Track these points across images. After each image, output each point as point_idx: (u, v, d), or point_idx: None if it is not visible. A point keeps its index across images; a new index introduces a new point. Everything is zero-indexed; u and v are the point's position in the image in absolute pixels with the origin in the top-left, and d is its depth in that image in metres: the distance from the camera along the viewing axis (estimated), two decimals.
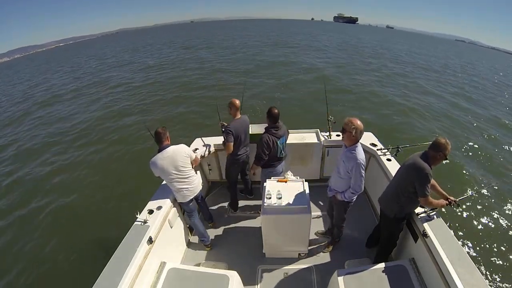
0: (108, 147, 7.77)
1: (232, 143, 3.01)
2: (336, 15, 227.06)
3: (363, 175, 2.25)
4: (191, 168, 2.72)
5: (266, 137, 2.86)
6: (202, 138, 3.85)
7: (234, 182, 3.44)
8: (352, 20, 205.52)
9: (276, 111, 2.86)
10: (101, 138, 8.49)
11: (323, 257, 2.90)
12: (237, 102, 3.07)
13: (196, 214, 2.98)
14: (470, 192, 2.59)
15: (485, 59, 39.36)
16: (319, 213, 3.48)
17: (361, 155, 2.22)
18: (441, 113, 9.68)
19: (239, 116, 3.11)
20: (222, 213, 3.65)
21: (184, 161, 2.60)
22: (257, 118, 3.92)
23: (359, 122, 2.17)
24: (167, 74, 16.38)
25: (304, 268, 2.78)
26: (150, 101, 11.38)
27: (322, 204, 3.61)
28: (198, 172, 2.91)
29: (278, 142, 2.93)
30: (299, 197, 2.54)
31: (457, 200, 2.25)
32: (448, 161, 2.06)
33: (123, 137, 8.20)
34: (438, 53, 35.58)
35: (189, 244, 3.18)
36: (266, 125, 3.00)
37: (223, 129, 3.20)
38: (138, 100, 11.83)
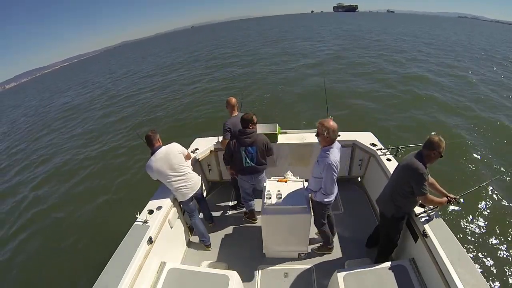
0: (111, 148, 7.81)
1: (228, 140, 3.03)
2: (336, 5, 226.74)
3: (334, 177, 2.22)
4: (186, 165, 2.72)
5: (230, 141, 2.81)
6: (202, 138, 3.86)
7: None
8: (352, 8, 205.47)
9: (245, 116, 2.71)
10: (104, 141, 8.58)
11: (323, 257, 2.89)
12: (233, 100, 3.12)
13: (197, 214, 2.98)
14: (471, 188, 2.54)
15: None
16: None
17: (333, 157, 2.18)
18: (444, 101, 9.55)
19: (236, 113, 3.16)
20: (222, 213, 3.65)
21: (178, 159, 2.61)
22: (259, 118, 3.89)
23: (331, 123, 2.15)
24: (170, 79, 16.52)
25: (304, 268, 2.77)
26: (153, 106, 11.50)
27: None
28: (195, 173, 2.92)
29: (242, 150, 2.72)
30: (299, 197, 2.54)
31: (457, 197, 2.24)
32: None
33: (127, 139, 8.25)
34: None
35: (189, 244, 3.18)
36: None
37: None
38: (142, 105, 12.03)
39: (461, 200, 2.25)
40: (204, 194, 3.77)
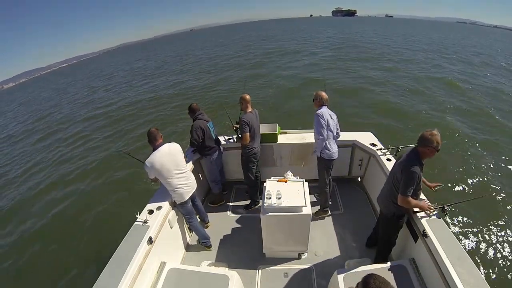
0: (111, 147, 7.81)
1: (248, 134, 3.11)
2: (335, 9, 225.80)
3: (321, 122, 2.86)
4: (186, 164, 2.79)
5: (197, 123, 3.21)
6: None
7: (255, 181, 3.48)
8: (351, 13, 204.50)
9: (194, 104, 3.36)
10: (103, 139, 8.56)
11: (323, 257, 2.90)
12: (247, 96, 3.19)
13: (195, 217, 2.97)
14: (469, 196, 2.57)
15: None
16: None
17: (321, 110, 2.93)
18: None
19: (250, 109, 3.21)
20: (222, 213, 3.65)
21: (181, 156, 2.68)
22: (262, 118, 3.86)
23: (322, 93, 2.98)
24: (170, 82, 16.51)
25: (304, 268, 2.77)
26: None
27: None
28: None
29: (208, 125, 3.30)
30: (299, 197, 2.54)
31: (446, 205, 2.25)
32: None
33: (128, 138, 8.26)
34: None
35: (189, 244, 3.18)
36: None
37: (235, 129, 3.38)
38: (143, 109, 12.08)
39: (445, 207, 2.25)
40: (203, 194, 3.78)
